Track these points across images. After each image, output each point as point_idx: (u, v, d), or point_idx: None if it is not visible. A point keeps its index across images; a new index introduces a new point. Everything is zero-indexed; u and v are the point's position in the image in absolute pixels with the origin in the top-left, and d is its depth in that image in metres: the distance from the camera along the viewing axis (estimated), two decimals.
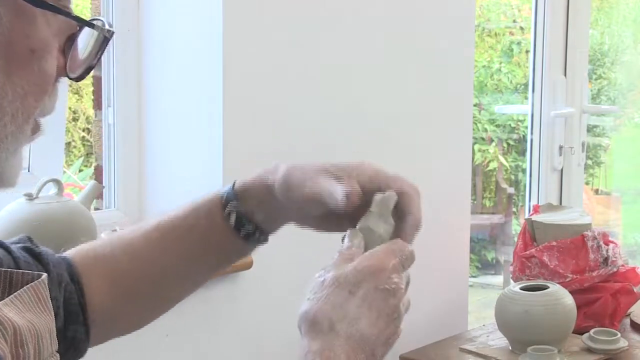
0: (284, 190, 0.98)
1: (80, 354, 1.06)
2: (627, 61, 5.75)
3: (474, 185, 5.90)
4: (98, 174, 2.08)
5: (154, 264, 1.05)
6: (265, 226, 1.04)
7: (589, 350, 2.17)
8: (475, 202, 6.07)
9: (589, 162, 5.36)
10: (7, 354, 0.77)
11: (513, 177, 6.40)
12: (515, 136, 6.29)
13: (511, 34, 6.47)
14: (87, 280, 1.04)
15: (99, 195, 1.96)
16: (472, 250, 4.15)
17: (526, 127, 3.42)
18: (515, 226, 5.91)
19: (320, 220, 1.00)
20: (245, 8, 1.96)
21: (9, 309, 0.79)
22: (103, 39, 0.84)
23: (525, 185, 3.48)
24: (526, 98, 3.63)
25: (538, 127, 3.12)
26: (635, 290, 2.38)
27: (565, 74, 3.15)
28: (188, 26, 1.99)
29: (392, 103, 2.32)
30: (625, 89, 5.54)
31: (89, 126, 3.98)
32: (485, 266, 6.18)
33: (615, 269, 2.37)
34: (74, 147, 4.09)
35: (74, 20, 0.81)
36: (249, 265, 1.99)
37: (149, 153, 2.05)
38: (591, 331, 2.19)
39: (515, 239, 2.61)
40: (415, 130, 2.40)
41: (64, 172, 2.38)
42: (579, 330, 2.22)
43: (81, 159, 3.97)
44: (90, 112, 3.82)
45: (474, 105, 3.39)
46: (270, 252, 2.07)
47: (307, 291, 0.91)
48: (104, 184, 2.00)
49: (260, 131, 2.01)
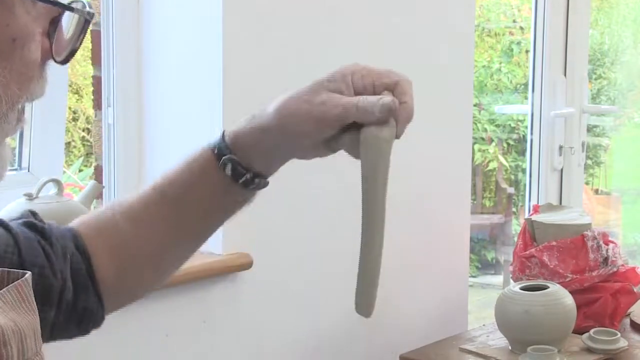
0: (283, 126, 0.95)
1: (96, 323, 1.06)
2: (627, 61, 5.75)
3: (474, 185, 5.90)
4: (98, 174, 2.08)
5: (154, 227, 1.04)
6: (263, 170, 1.01)
7: (589, 350, 2.16)
8: (475, 202, 6.07)
9: (589, 162, 5.36)
10: None
11: (513, 177, 6.40)
12: (515, 136, 6.29)
13: (511, 34, 6.47)
14: (93, 249, 1.04)
15: (99, 195, 1.96)
16: (472, 250, 4.15)
17: (526, 127, 3.42)
18: (515, 226, 5.91)
19: (322, 144, 0.97)
20: (245, 8, 1.96)
21: None
22: (84, 21, 0.84)
23: (525, 185, 3.48)
24: (526, 98, 3.63)
25: (538, 127, 3.12)
26: (635, 290, 2.38)
27: (565, 74, 3.15)
28: (188, 26, 1.99)
29: None
30: (625, 89, 5.54)
31: (89, 126, 3.98)
32: (485, 266, 6.18)
33: (615, 269, 2.37)
34: (74, 147, 4.09)
35: (52, 4, 0.80)
36: (249, 265, 1.99)
37: (149, 153, 2.05)
38: (591, 331, 2.19)
39: (515, 239, 2.61)
40: (415, 130, 2.39)
41: (64, 172, 2.38)
42: (579, 330, 2.22)
43: (81, 159, 3.98)
44: (90, 112, 3.82)
45: (474, 105, 3.39)
46: (270, 252, 2.08)
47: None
48: (104, 184, 2.00)
49: None
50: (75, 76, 3.73)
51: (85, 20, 0.84)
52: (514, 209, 6.19)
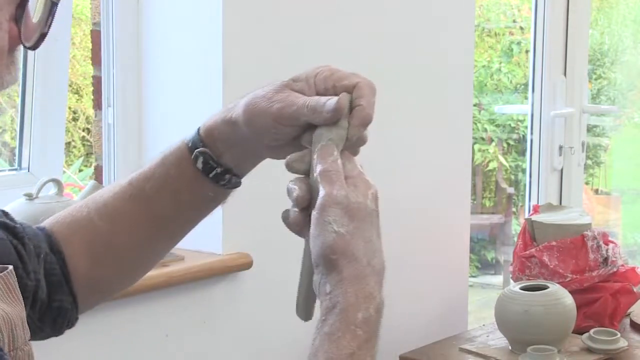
0: (249, 121, 0.95)
1: (70, 323, 1.05)
2: (627, 61, 5.75)
3: (474, 185, 5.90)
4: (98, 174, 2.08)
5: (129, 223, 1.03)
6: (236, 166, 1.01)
7: (589, 350, 2.16)
8: (475, 202, 6.08)
9: (589, 162, 5.36)
10: None
11: (513, 177, 6.41)
12: (515, 136, 6.29)
13: (511, 34, 6.47)
14: (68, 248, 1.03)
15: None
16: (472, 250, 4.15)
17: (526, 127, 3.43)
18: (515, 226, 5.92)
19: (291, 144, 0.96)
20: (245, 8, 1.96)
21: None
22: (51, 4, 0.83)
23: (525, 185, 3.48)
24: (526, 98, 3.64)
25: (538, 127, 3.12)
26: (635, 290, 2.38)
27: (565, 74, 3.15)
28: (188, 26, 1.99)
29: (392, 103, 2.32)
30: (625, 89, 5.54)
31: (89, 126, 3.98)
32: (485, 266, 6.18)
33: (615, 269, 2.37)
34: (74, 147, 4.09)
35: None
36: (249, 265, 1.99)
37: (149, 153, 2.05)
38: (591, 331, 2.19)
39: (515, 239, 2.61)
40: (415, 130, 2.40)
41: (64, 172, 2.38)
42: (579, 330, 2.22)
43: (81, 159, 3.98)
44: (90, 112, 3.82)
45: (474, 105, 3.39)
46: (270, 252, 2.08)
47: (328, 219, 0.86)
48: (104, 184, 2.00)
49: None
50: (75, 76, 3.73)
51: (52, 3, 0.83)
52: (514, 209, 6.20)
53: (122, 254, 1.06)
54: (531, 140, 3.16)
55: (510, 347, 2.21)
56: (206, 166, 0.99)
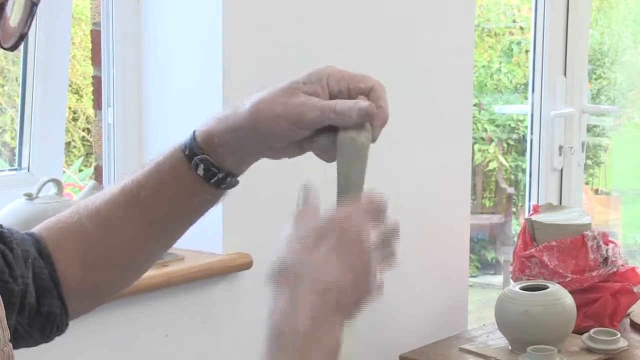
0: (258, 126, 0.95)
1: (60, 329, 1.04)
2: (627, 61, 5.75)
3: (474, 185, 5.90)
4: (98, 174, 2.08)
5: (123, 229, 1.03)
6: (236, 169, 1.01)
7: (589, 350, 2.17)
8: (475, 202, 6.08)
9: (589, 162, 5.36)
10: None
11: (513, 177, 6.41)
12: (515, 136, 6.29)
13: (511, 34, 6.47)
14: (57, 254, 1.02)
15: None
16: (472, 250, 4.15)
17: (526, 127, 3.43)
18: (515, 226, 5.92)
19: (293, 145, 0.97)
20: (245, 8, 1.96)
21: None
22: (31, 4, 0.82)
23: (525, 185, 3.48)
24: (526, 98, 3.63)
25: (538, 127, 3.12)
26: (635, 290, 2.38)
27: (565, 74, 3.15)
28: (188, 26, 1.99)
29: (392, 103, 2.32)
30: (625, 89, 5.54)
31: (89, 126, 3.98)
32: (485, 266, 6.18)
33: (615, 269, 2.37)
34: (74, 147, 4.09)
35: None
36: (249, 265, 1.99)
37: (149, 153, 2.05)
38: (591, 331, 2.19)
39: (515, 239, 2.61)
40: (415, 130, 2.40)
41: (64, 172, 2.38)
42: (579, 330, 2.22)
43: (81, 159, 3.98)
44: (90, 112, 3.82)
45: (474, 105, 3.39)
46: (270, 252, 2.08)
47: (275, 248, 0.92)
48: (103, 184, 2.00)
49: None
50: (75, 76, 3.73)
51: (32, 3, 0.82)
52: (514, 209, 6.20)
53: (116, 259, 1.05)
54: (531, 140, 3.16)
55: (510, 347, 2.21)
56: (207, 172, 0.99)
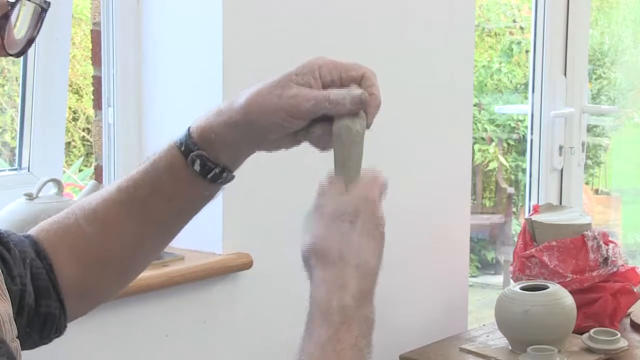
0: (254, 119, 0.96)
1: (59, 330, 1.05)
2: (627, 61, 5.75)
3: (474, 185, 5.90)
4: (98, 174, 2.08)
5: (120, 228, 1.03)
6: (232, 163, 1.02)
7: (589, 350, 2.16)
8: (475, 202, 6.08)
9: (589, 162, 5.36)
10: None
11: (513, 177, 6.41)
12: (515, 136, 6.29)
13: (511, 33, 6.47)
14: (55, 255, 1.02)
15: None
16: (472, 250, 4.15)
17: (526, 127, 3.42)
18: (515, 226, 5.92)
19: (288, 137, 0.98)
20: (245, 8, 1.96)
21: None
22: (40, 10, 0.83)
23: (525, 185, 3.48)
24: (526, 98, 3.63)
25: (538, 127, 3.12)
26: (635, 290, 2.38)
27: (565, 74, 3.15)
28: (188, 26, 1.99)
29: (392, 103, 2.32)
30: (625, 89, 5.54)
31: (89, 126, 3.98)
32: (485, 266, 6.18)
33: (615, 269, 2.37)
34: (74, 147, 4.09)
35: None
36: (249, 265, 1.99)
37: (149, 153, 2.05)
38: (591, 331, 2.19)
39: (515, 239, 2.61)
40: (416, 130, 2.40)
41: (64, 172, 2.38)
42: (579, 330, 2.22)
43: (81, 159, 3.98)
44: (90, 112, 3.82)
45: (474, 105, 3.39)
46: (270, 252, 2.08)
47: (305, 225, 0.92)
48: (103, 184, 2.00)
49: None
50: (75, 76, 3.73)
51: (42, 9, 0.82)
52: (514, 209, 6.20)
53: (114, 259, 1.05)
54: (531, 140, 3.16)
55: (510, 347, 2.21)
56: (204, 168, 0.99)
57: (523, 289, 2.21)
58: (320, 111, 0.94)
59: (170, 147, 1.01)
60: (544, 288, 2.20)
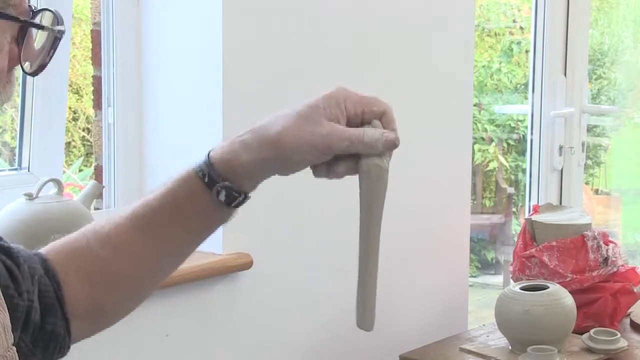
0: (286, 155, 0.98)
1: (62, 350, 1.05)
2: (627, 61, 5.75)
3: (474, 185, 5.90)
4: (98, 174, 2.08)
5: (134, 254, 1.04)
6: (252, 190, 1.04)
7: (589, 350, 2.16)
8: (475, 202, 6.08)
9: (589, 162, 5.36)
10: None
11: (513, 177, 6.41)
12: (515, 136, 6.29)
13: (511, 34, 6.47)
14: (64, 275, 1.03)
15: (99, 195, 1.96)
16: (472, 250, 4.15)
17: (526, 127, 3.42)
18: (515, 226, 5.92)
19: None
20: (245, 8, 1.96)
21: None
22: (54, 38, 0.83)
23: (525, 185, 3.48)
24: (526, 98, 3.63)
25: (538, 127, 3.12)
26: (635, 290, 2.38)
27: (565, 74, 3.15)
28: (188, 26, 1.99)
29: (392, 103, 2.32)
30: (625, 89, 5.54)
31: (89, 126, 3.98)
32: (485, 266, 6.18)
33: (615, 269, 2.36)
34: (74, 147, 4.09)
35: (17, 22, 0.79)
36: (249, 265, 1.99)
37: (149, 153, 2.05)
38: (591, 331, 2.18)
39: (515, 239, 2.61)
40: (416, 130, 2.40)
41: (64, 172, 2.38)
42: (579, 330, 2.22)
43: (81, 159, 3.98)
44: (90, 112, 3.82)
45: (474, 105, 3.39)
46: (270, 252, 2.08)
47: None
48: (104, 184, 2.00)
49: None
50: (75, 76, 3.73)
51: (55, 37, 0.83)
52: (514, 209, 6.20)
53: (124, 282, 1.06)
54: (531, 140, 3.16)
55: (510, 347, 2.21)
56: (229, 198, 1.01)
57: (523, 289, 2.21)
58: (353, 151, 0.98)
59: (191, 176, 1.02)
60: (544, 288, 2.20)
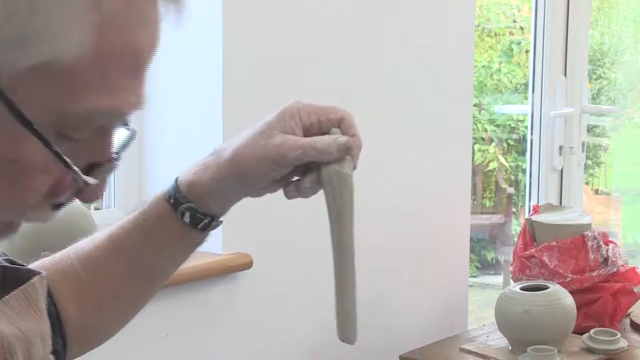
0: (243, 171, 0.98)
1: None
2: (627, 61, 5.75)
3: (474, 185, 5.90)
4: None
5: (111, 275, 1.05)
6: (220, 212, 1.04)
7: (589, 350, 2.16)
8: (475, 202, 6.08)
9: (589, 162, 5.36)
10: None
11: (513, 177, 6.41)
12: (515, 136, 6.29)
13: (511, 34, 6.47)
14: (57, 294, 1.03)
15: None
16: (472, 250, 4.15)
17: (526, 127, 3.43)
18: (515, 226, 5.92)
19: (274, 183, 1.01)
20: (245, 8, 1.96)
21: None
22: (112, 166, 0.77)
23: (525, 185, 3.48)
24: (526, 98, 3.63)
25: (538, 127, 3.12)
26: (635, 290, 2.38)
27: (565, 74, 3.15)
28: (188, 26, 1.99)
29: (392, 103, 2.32)
30: (625, 89, 5.54)
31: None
32: (485, 266, 6.19)
33: (615, 269, 2.37)
34: None
35: (61, 161, 0.68)
36: (249, 265, 1.99)
37: (149, 153, 2.05)
38: (591, 331, 2.18)
39: (515, 239, 2.61)
40: (416, 130, 2.40)
41: None
42: (579, 330, 2.22)
43: None
44: None
45: (474, 105, 3.39)
46: (270, 252, 2.08)
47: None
48: None
49: None
50: None
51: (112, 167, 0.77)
52: (514, 209, 6.20)
53: (107, 303, 1.07)
54: (531, 140, 3.16)
55: (510, 347, 2.21)
56: (193, 219, 1.02)
57: (523, 289, 2.21)
58: (307, 159, 0.97)
59: (160, 200, 1.03)
60: (544, 288, 2.20)
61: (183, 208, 1.01)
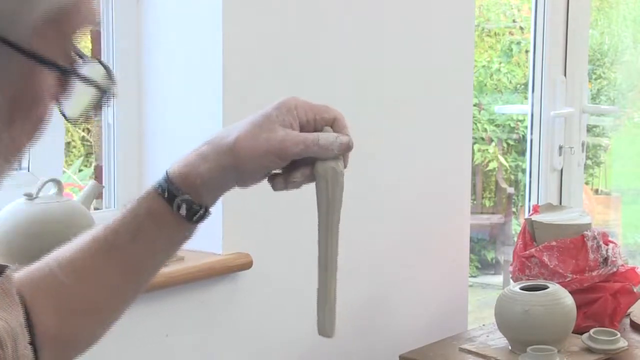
0: (243, 163, 0.99)
1: None
2: (627, 61, 5.75)
3: (474, 185, 5.91)
4: (98, 174, 2.08)
5: (98, 278, 1.03)
6: (212, 203, 1.04)
7: (589, 350, 2.16)
8: (475, 202, 6.08)
9: (589, 162, 5.36)
10: None
11: (513, 177, 6.41)
12: (515, 136, 6.29)
13: (511, 34, 6.48)
14: (31, 305, 1.00)
15: (99, 195, 1.96)
16: (472, 250, 4.15)
17: (526, 127, 3.43)
18: (515, 226, 5.92)
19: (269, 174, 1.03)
20: (245, 7, 1.96)
21: None
22: (101, 94, 0.82)
23: (525, 185, 3.48)
24: (526, 98, 3.64)
25: (538, 127, 3.12)
26: (635, 290, 2.38)
27: (565, 74, 3.15)
28: (188, 26, 1.99)
29: (392, 103, 2.32)
30: (625, 89, 5.54)
31: (89, 126, 3.98)
32: (485, 266, 6.19)
33: (615, 269, 2.37)
34: (74, 147, 4.09)
35: (68, 74, 0.78)
36: (249, 265, 1.99)
37: (149, 153, 2.05)
38: (591, 331, 2.19)
39: (515, 239, 2.61)
40: (416, 130, 2.40)
41: (64, 172, 2.38)
42: (579, 330, 2.22)
43: (81, 159, 3.98)
44: None
45: (474, 105, 3.39)
46: (270, 252, 2.08)
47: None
48: (104, 184, 2.00)
49: None
50: None
51: (103, 94, 0.82)
52: (514, 209, 6.20)
53: (92, 308, 1.05)
54: (531, 140, 3.16)
55: (510, 347, 2.21)
56: (189, 212, 1.01)
57: (523, 289, 2.21)
58: (308, 154, 0.99)
59: (150, 195, 1.03)
60: (544, 288, 2.20)
61: (179, 200, 1.01)
